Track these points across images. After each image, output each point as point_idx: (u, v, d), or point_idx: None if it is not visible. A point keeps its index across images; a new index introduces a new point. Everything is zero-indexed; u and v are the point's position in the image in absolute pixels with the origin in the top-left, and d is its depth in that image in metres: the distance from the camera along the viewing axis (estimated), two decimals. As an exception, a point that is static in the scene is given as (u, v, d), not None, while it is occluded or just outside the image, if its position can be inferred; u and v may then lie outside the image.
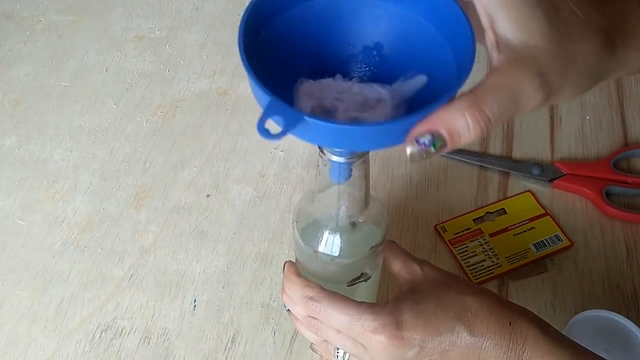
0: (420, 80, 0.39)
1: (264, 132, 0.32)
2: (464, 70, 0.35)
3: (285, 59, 0.40)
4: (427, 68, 0.39)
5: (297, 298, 0.45)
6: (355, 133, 0.34)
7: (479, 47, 0.36)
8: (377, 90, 0.40)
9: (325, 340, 0.46)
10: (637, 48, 0.36)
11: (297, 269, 0.47)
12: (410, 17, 0.40)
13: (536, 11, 0.33)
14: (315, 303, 0.43)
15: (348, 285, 0.49)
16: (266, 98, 0.33)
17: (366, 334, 0.41)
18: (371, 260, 0.48)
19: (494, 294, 0.43)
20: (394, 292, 0.46)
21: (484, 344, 0.40)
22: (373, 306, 0.42)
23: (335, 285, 0.46)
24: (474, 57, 0.35)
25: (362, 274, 0.49)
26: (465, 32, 0.36)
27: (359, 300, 0.44)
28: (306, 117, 0.33)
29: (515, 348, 0.40)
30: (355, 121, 0.38)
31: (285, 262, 0.48)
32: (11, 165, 0.69)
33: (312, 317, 0.45)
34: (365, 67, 0.42)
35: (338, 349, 0.45)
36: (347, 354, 0.45)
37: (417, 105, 0.37)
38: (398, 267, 0.47)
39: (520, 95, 0.33)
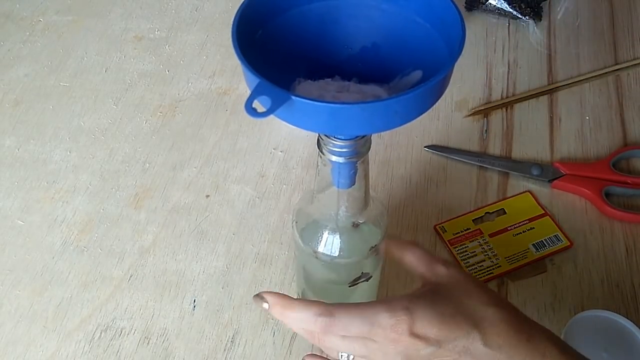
0: (416, 76, 0.40)
1: (251, 111, 0.32)
2: (454, 53, 0.35)
3: (283, 59, 0.40)
4: (423, 63, 0.40)
5: (306, 319, 0.41)
6: (341, 113, 0.34)
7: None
8: (374, 90, 0.40)
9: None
10: None
11: (285, 297, 0.43)
12: (405, 15, 0.40)
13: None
14: (327, 318, 0.41)
15: (350, 286, 0.49)
16: (254, 78, 0.34)
17: (381, 330, 0.40)
18: (371, 260, 0.48)
19: (515, 308, 0.42)
20: (409, 289, 0.45)
21: (497, 357, 0.40)
22: (387, 303, 0.41)
23: (335, 286, 0.46)
24: (463, 40, 0.36)
25: (362, 273, 0.49)
26: (456, 22, 0.36)
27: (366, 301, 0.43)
28: (292, 96, 0.33)
29: None
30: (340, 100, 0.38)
31: (266, 296, 0.43)
32: (10, 166, 0.69)
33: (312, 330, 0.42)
34: (363, 68, 0.42)
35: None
36: (352, 356, 0.44)
37: None
38: (422, 270, 0.45)
39: None
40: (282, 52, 0.40)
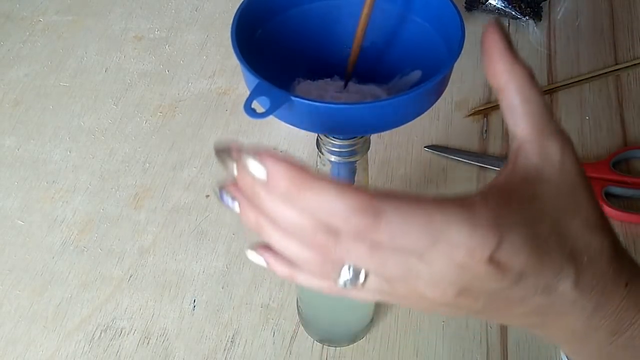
0: (415, 76, 0.40)
1: (250, 112, 0.32)
2: (453, 53, 0.35)
3: (282, 59, 0.40)
4: (422, 63, 0.40)
5: (335, 212, 0.26)
6: (340, 114, 0.34)
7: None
8: (373, 90, 0.40)
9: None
10: None
11: (300, 169, 0.26)
12: (404, 15, 0.40)
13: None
14: (371, 218, 0.26)
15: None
16: (253, 79, 0.34)
17: (448, 250, 0.27)
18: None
19: (619, 242, 0.31)
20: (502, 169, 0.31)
21: (581, 304, 0.29)
22: (467, 210, 0.27)
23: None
24: (463, 40, 0.36)
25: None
26: (455, 22, 0.37)
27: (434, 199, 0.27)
28: (292, 97, 0.33)
29: (623, 317, 0.30)
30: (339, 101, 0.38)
31: (267, 162, 0.27)
32: (10, 166, 0.69)
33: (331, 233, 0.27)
34: (362, 68, 0.42)
35: (350, 267, 0.28)
36: (363, 273, 0.29)
37: None
38: (526, 133, 0.30)
39: None
40: (281, 52, 0.40)
